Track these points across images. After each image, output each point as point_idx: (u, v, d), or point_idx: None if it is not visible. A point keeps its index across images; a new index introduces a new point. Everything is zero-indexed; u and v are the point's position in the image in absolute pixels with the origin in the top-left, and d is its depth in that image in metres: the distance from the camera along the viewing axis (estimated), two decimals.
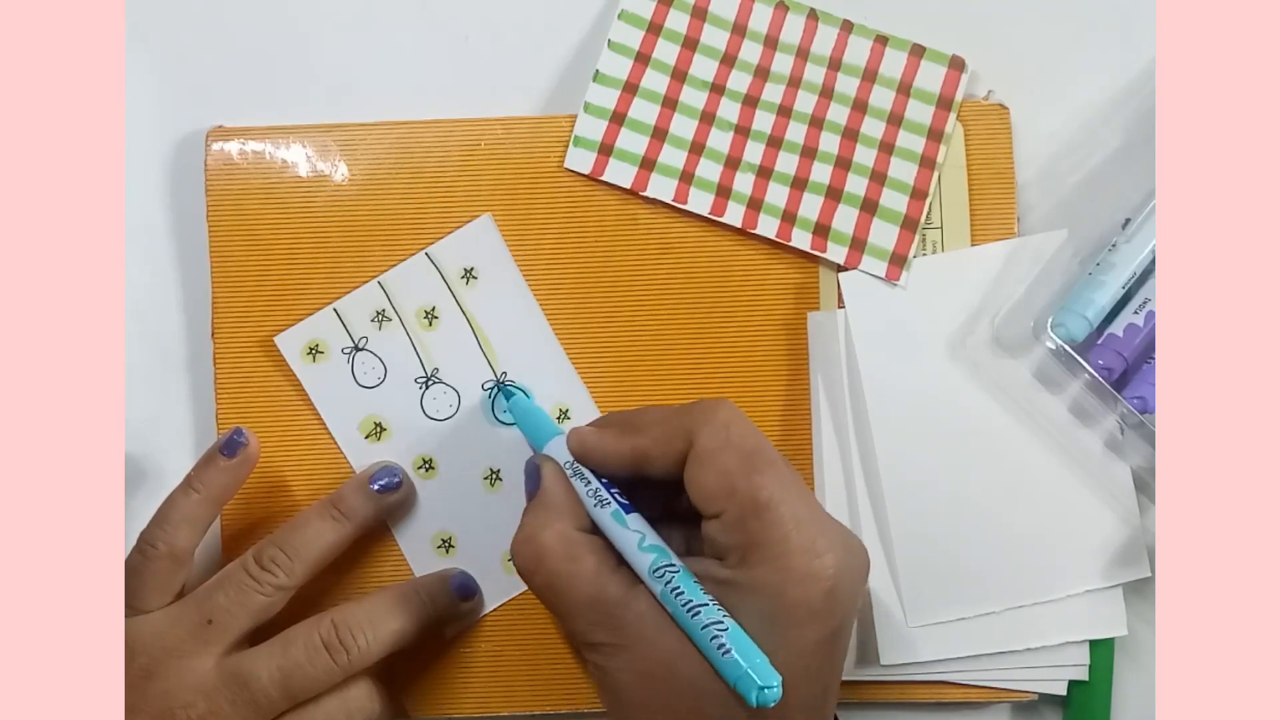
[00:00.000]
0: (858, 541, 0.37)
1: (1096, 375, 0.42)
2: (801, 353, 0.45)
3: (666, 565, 0.35)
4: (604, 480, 0.38)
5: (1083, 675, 0.44)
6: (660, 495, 0.38)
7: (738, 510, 0.35)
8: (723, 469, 0.35)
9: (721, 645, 0.33)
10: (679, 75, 0.46)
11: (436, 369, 0.45)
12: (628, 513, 0.37)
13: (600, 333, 0.45)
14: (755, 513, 0.35)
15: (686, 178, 0.45)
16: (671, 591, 0.35)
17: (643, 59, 0.46)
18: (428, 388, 0.45)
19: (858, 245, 0.45)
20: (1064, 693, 0.44)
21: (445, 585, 0.43)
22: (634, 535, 0.36)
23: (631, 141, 0.45)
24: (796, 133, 0.46)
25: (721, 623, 0.34)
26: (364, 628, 0.40)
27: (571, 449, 0.39)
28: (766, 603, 0.34)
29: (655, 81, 0.46)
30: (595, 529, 0.38)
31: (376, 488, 0.43)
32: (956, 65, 0.46)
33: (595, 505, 0.38)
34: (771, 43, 0.46)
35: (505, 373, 0.45)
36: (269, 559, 0.40)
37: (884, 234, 0.45)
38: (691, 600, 0.34)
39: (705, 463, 0.36)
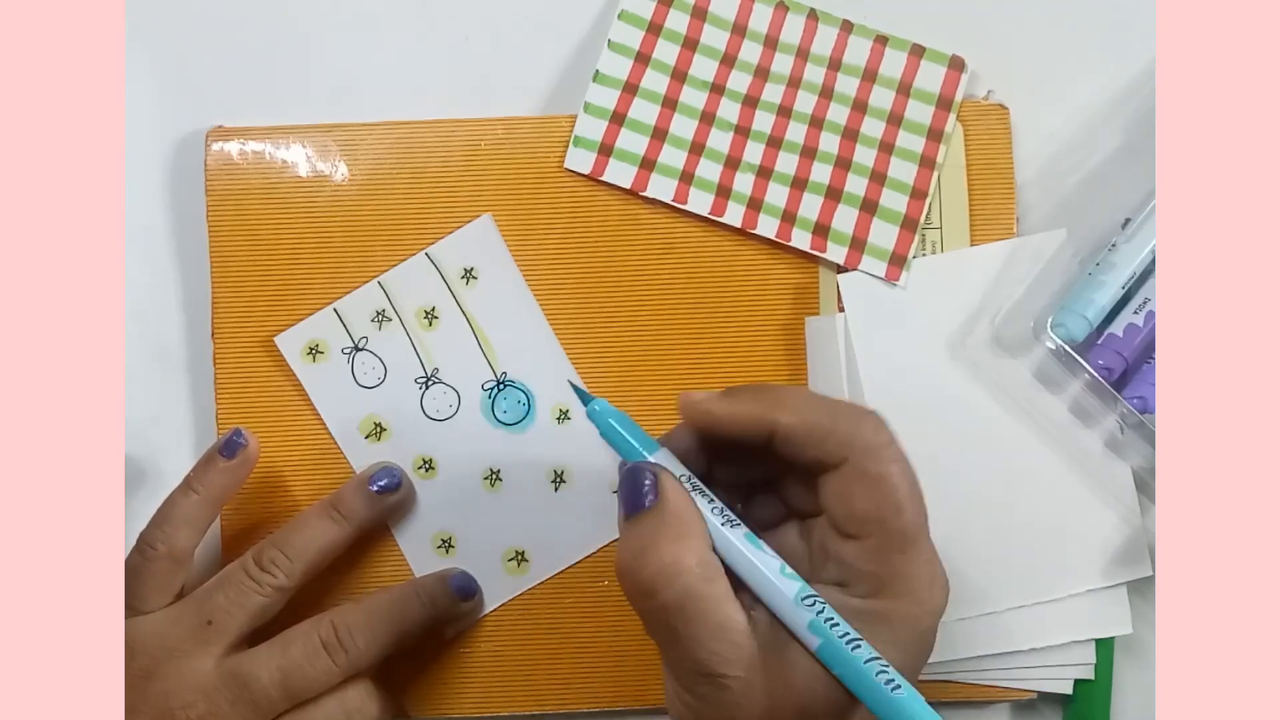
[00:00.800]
0: (945, 571, 0.36)
1: (1096, 375, 0.42)
2: (801, 353, 0.45)
3: (814, 594, 0.33)
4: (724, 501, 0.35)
5: (1088, 674, 0.44)
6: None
7: (886, 541, 0.34)
8: (880, 498, 0.34)
9: (891, 682, 0.32)
10: (679, 75, 0.46)
11: (436, 369, 0.45)
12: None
13: (600, 333, 0.45)
14: (902, 547, 0.34)
15: (686, 178, 0.45)
16: (827, 622, 0.32)
17: (643, 59, 0.46)
18: (428, 388, 0.45)
19: (857, 245, 0.45)
20: (1069, 692, 0.44)
21: (445, 586, 0.43)
22: (775, 561, 0.34)
23: (631, 141, 0.45)
24: (796, 133, 0.46)
25: (881, 659, 0.32)
26: (363, 629, 0.40)
27: (690, 415, 0.36)
28: (903, 634, 0.33)
29: (655, 82, 0.46)
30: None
31: (376, 489, 0.43)
32: (956, 65, 0.46)
33: (723, 524, 0.34)
34: (771, 43, 0.46)
35: (505, 373, 0.45)
36: (268, 560, 0.40)
37: (884, 234, 0.45)
38: (848, 633, 0.32)
39: (863, 486, 0.34)
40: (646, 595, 0.33)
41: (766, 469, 0.36)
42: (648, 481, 0.34)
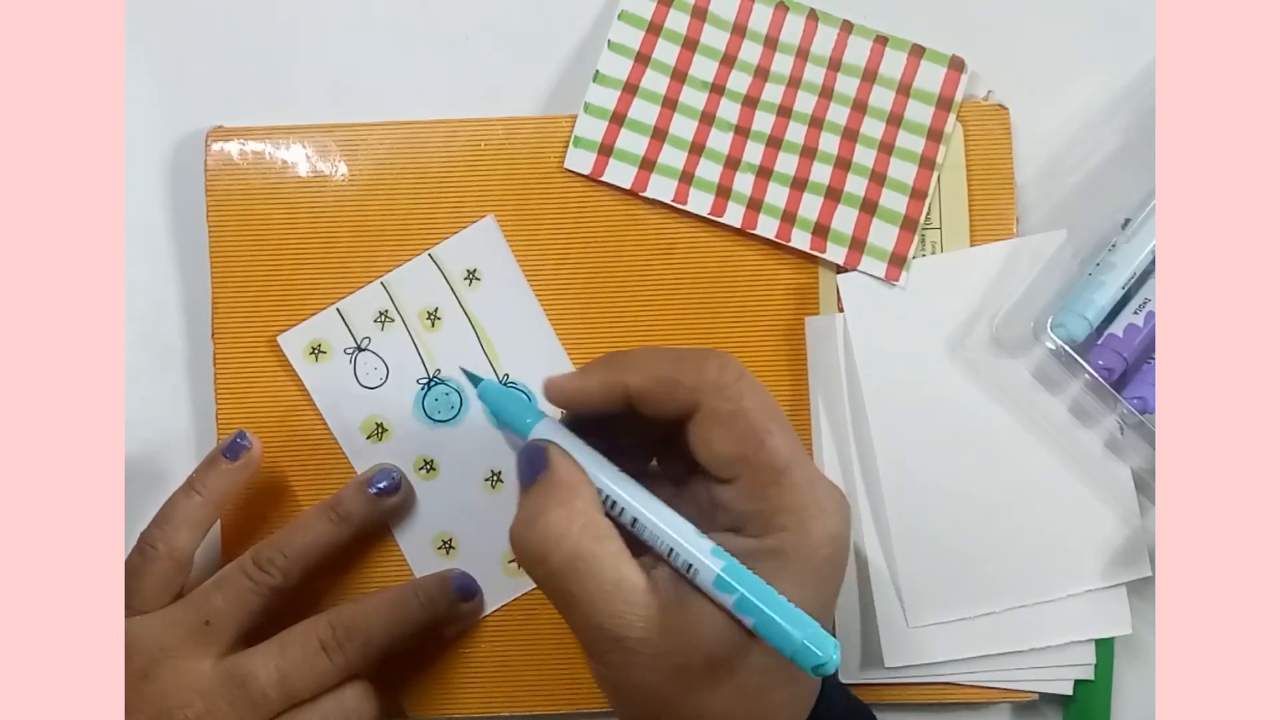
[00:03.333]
0: (839, 488, 0.36)
1: (1096, 375, 0.42)
2: (801, 353, 0.45)
3: (719, 548, 0.33)
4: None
5: (1088, 675, 0.44)
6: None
7: (755, 477, 0.34)
8: (739, 435, 0.34)
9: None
10: (679, 76, 0.46)
11: (439, 370, 0.45)
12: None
13: (602, 334, 0.45)
14: (774, 479, 0.33)
15: (686, 178, 0.45)
16: (731, 573, 0.33)
17: (643, 59, 0.46)
18: (429, 388, 0.45)
19: (857, 245, 0.45)
20: (1070, 693, 0.44)
21: (444, 586, 0.43)
22: (678, 519, 0.34)
23: (631, 142, 0.45)
24: (796, 133, 0.46)
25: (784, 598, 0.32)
26: (361, 629, 0.40)
27: (552, 398, 0.36)
28: (796, 566, 0.33)
29: (655, 82, 0.46)
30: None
31: (375, 491, 0.43)
32: (956, 65, 0.46)
33: (621, 489, 0.35)
34: (771, 43, 0.46)
35: (507, 374, 0.45)
36: (266, 560, 0.40)
37: (883, 234, 0.45)
38: (754, 580, 0.33)
39: (719, 427, 0.34)
40: (538, 561, 0.33)
41: (655, 431, 0.36)
42: (538, 453, 0.35)
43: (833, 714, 0.36)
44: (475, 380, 0.40)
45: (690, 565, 0.33)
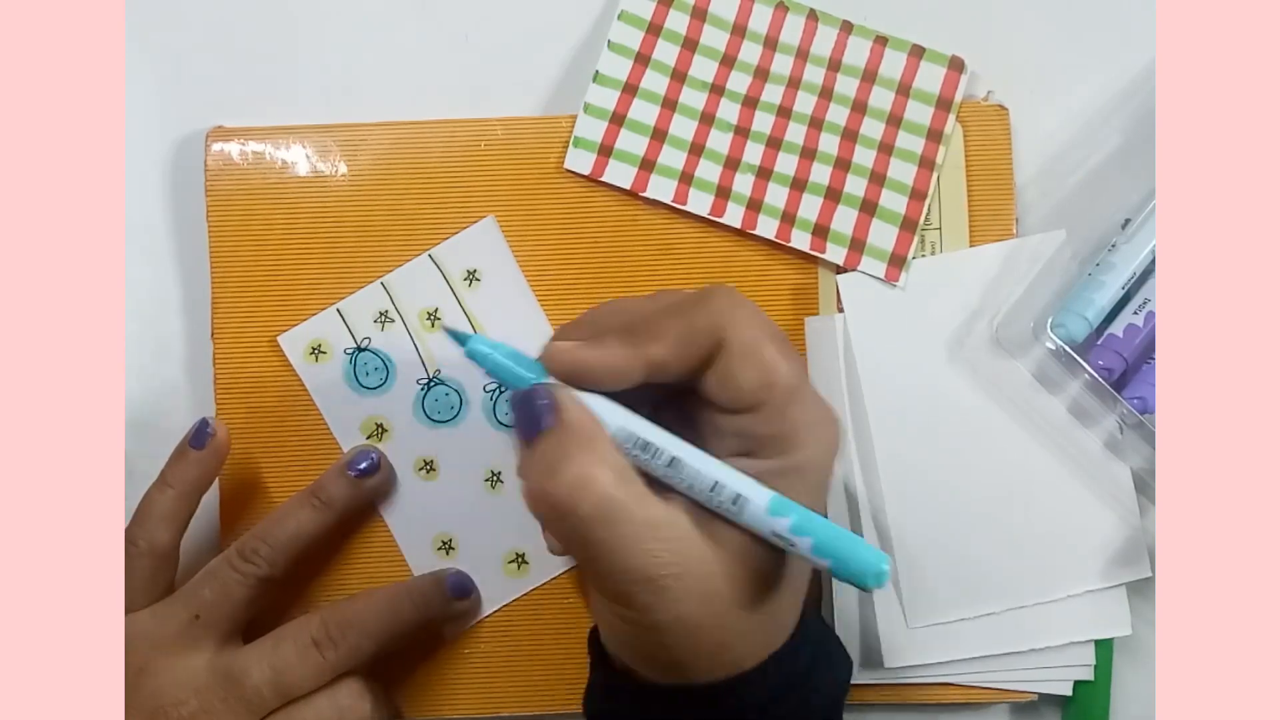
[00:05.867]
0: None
1: (1096, 375, 0.42)
2: (801, 353, 0.45)
3: (778, 493, 0.33)
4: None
5: (1088, 675, 0.44)
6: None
7: (778, 399, 0.33)
8: (764, 362, 0.33)
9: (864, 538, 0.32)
10: (679, 76, 0.46)
11: (438, 370, 0.45)
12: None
13: None
14: (793, 398, 0.33)
15: (686, 179, 0.45)
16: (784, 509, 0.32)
17: (642, 60, 0.46)
18: (429, 389, 0.45)
19: (857, 246, 0.45)
20: (1070, 693, 0.44)
21: (439, 586, 0.43)
22: (708, 458, 0.33)
23: (631, 142, 0.45)
24: (796, 134, 0.46)
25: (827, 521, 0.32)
26: (354, 626, 0.40)
27: (560, 373, 0.34)
28: (812, 478, 0.34)
29: (655, 82, 0.46)
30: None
31: (355, 473, 0.43)
32: (956, 66, 0.46)
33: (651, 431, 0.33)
34: (771, 43, 0.46)
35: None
36: (251, 551, 0.40)
37: (883, 235, 0.45)
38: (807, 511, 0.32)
39: (746, 359, 0.33)
40: (565, 513, 0.31)
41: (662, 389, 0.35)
42: (543, 402, 0.33)
43: (808, 637, 0.36)
44: (462, 339, 0.35)
45: (738, 495, 0.32)
